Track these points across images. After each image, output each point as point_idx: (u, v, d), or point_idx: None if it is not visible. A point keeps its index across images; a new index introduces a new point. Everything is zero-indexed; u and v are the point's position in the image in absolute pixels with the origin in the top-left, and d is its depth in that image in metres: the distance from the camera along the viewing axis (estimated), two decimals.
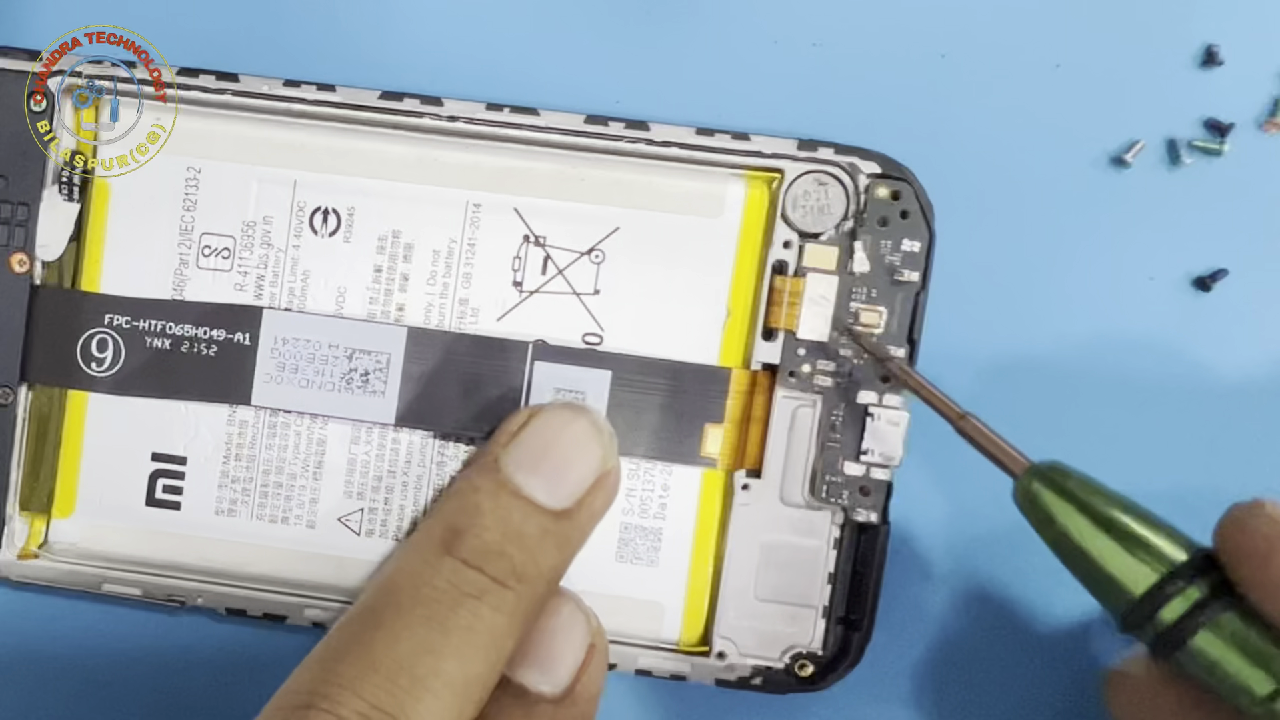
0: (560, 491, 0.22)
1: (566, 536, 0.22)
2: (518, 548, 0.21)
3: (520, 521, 0.22)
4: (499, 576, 0.21)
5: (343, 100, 0.25)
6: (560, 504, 0.22)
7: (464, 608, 0.21)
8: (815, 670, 0.25)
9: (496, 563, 0.21)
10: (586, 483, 0.23)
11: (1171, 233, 0.26)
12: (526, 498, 0.22)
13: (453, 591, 0.21)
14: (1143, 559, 0.21)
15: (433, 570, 0.21)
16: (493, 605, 0.21)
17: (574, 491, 0.22)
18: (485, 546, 0.21)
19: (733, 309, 0.26)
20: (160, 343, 0.26)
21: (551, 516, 0.22)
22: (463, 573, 0.21)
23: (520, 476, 0.22)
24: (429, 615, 0.21)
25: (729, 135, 0.25)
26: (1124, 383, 0.26)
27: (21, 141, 0.25)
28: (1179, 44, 0.26)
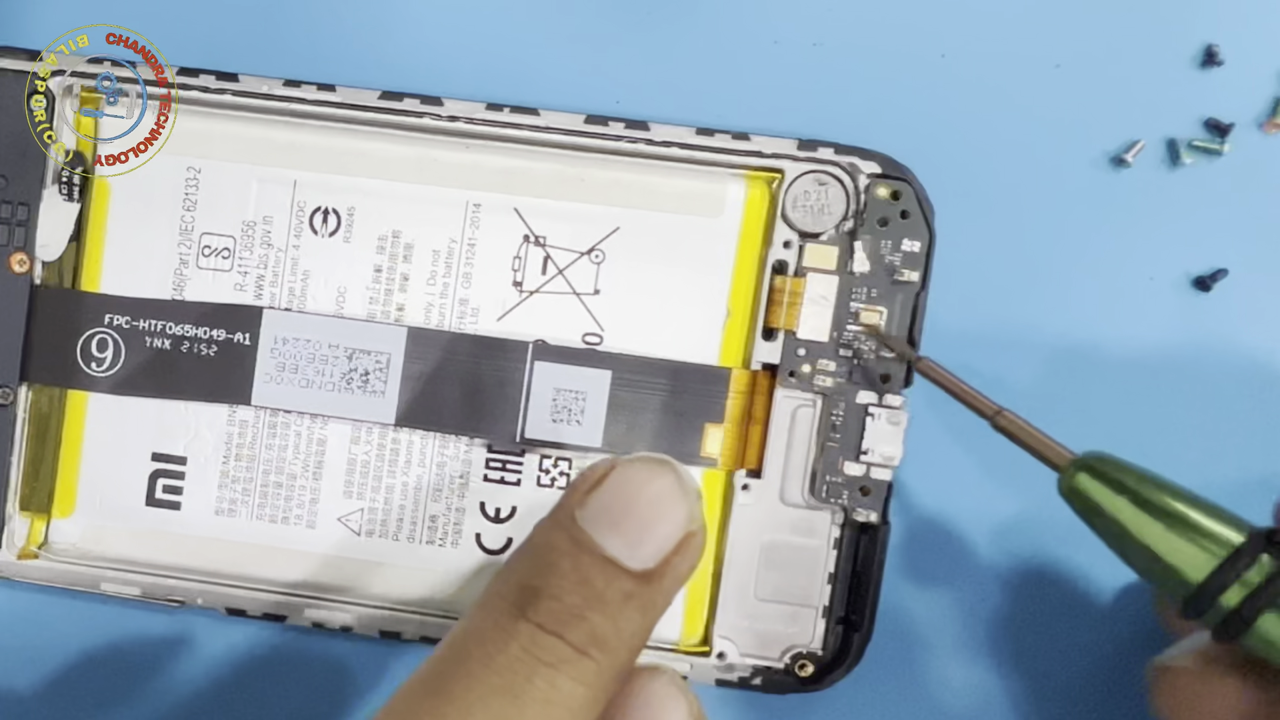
0: (644, 552, 0.20)
1: (650, 601, 0.20)
2: (599, 613, 0.19)
3: (602, 585, 0.19)
4: (579, 644, 0.19)
5: (343, 100, 0.25)
6: (643, 565, 0.20)
7: (540, 677, 0.19)
8: (815, 670, 0.25)
9: (576, 628, 0.19)
10: (671, 542, 0.20)
11: (1171, 233, 0.26)
12: (608, 558, 0.20)
13: (528, 659, 0.19)
14: (1200, 544, 0.20)
15: (506, 635, 0.19)
16: (572, 676, 0.19)
17: (658, 552, 0.20)
18: (564, 610, 0.19)
19: (733, 309, 0.26)
20: (160, 343, 0.26)
21: (634, 579, 0.20)
22: (540, 639, 0.19)
23: (600, 534, 0.20)
24: (503, 685, 0.19)
25: (729, 135, 0.25)
26: (1124, 383, 0.26)
27: (21, 141, 0.25)
28: (1179, 44, 0.26)
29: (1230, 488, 0.26)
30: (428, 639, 0.26)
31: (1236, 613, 0.20)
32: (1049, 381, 0.26)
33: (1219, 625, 0.20)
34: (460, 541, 0.26)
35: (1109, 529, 0.21)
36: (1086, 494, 0.21)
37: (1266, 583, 0.20)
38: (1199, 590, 0.20)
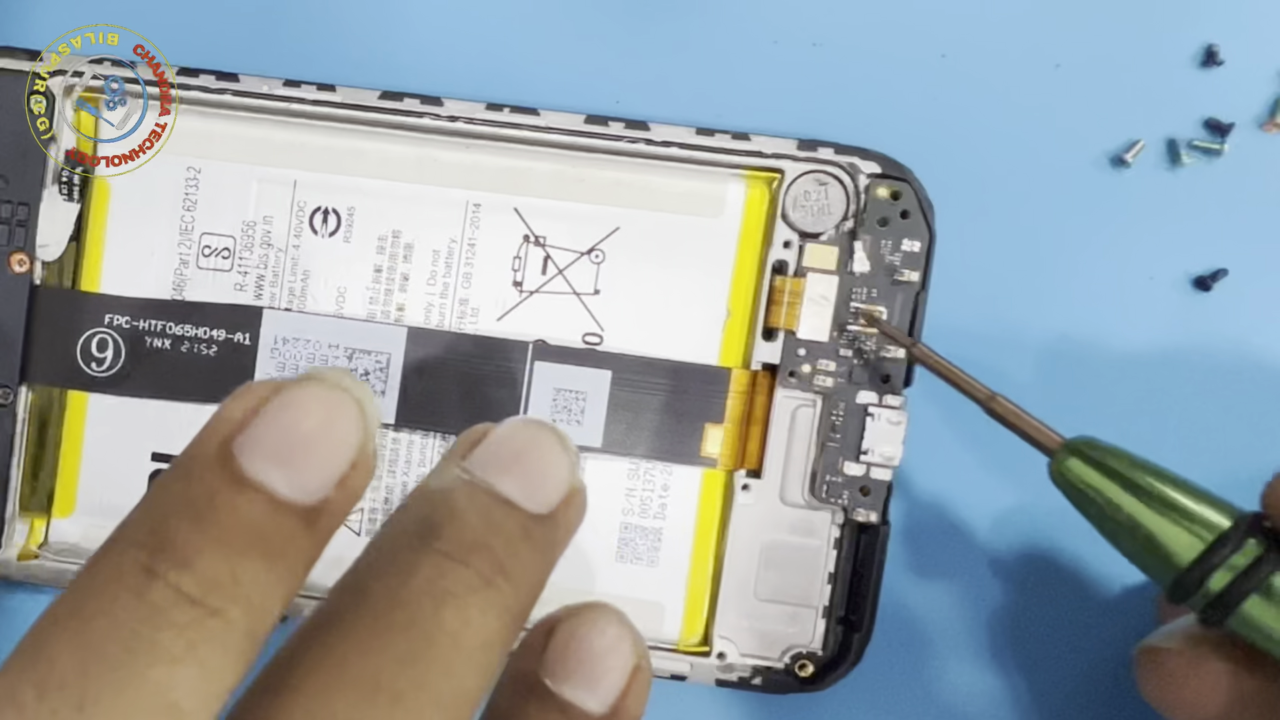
0: (537, 496, 0.19)
1: (547, 540, 0.19)
2: (501, 543, 0.18)
3: (500, 518, 0.18)
4: (485, 573, 0.18)
5: (343, 100, 0.25)
6: (539, 508, 0.19)
7: (449, 609, 0.17)
8: (815, 670, 0.25)
9: (482, 556, 0.18)
10: (561, 492, 0.20)
11: (1171, 233, 0.26)
12: (503, 496, 0.19)
13: (435, 590, 0.17)
14: (1188, 527, 0.20)
15: (410, 567, 0.18)
16: (480, 607, 0.18)
17: (550, 498, 0.19)
18: (469, 540, 0.18)
19: (733, 309, 0.26)
20: (160, 343, 0.26)
21: (530, 517, 0.19)
22: (445, 567, 0.18)
23: (493, 477, 0.19)
24: (409, 620, 0.17)
25: (729, 135, 0.25)
26: (1123, 383, 0.26)
27: (21, 141, 0.25)
28: (1179, 44, 0.26)
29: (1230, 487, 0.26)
30: None
31: (1222, 596, 0.20)
32: (1049, 381, 0.26)
33: (1205, 609, 0.21)
34: None
35: (1097, 512, 0.21)
36: (1076, 477, 0.21)
37: (1252, 566, 0.20)
38: (1185, 573, 0.20)
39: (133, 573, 0.16)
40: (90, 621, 0.16)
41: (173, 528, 0.16)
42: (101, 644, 0.15)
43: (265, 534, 0.17)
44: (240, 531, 0.16)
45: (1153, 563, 0.21)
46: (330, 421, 0.17)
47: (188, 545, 0.16)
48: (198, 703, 0.16)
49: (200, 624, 0.16)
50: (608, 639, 0.20)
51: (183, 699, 0.15)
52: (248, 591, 0.16)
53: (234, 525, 0.16)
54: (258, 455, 0.17)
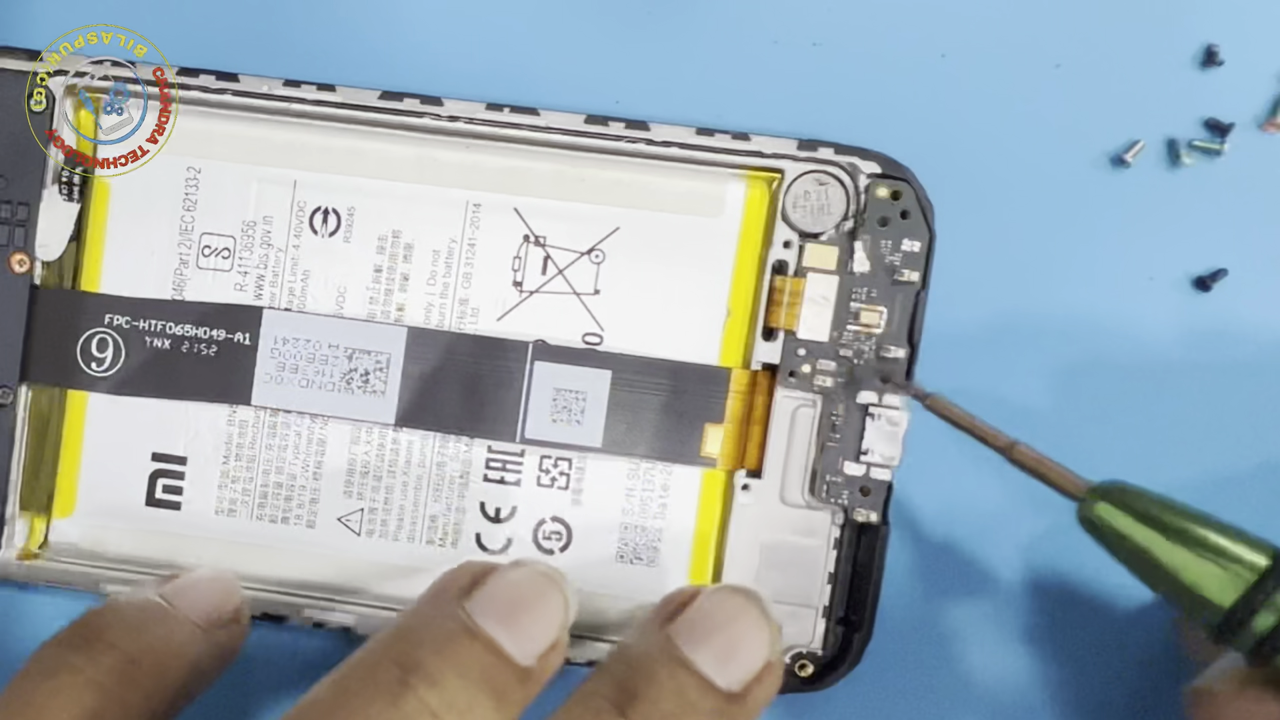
0: (732, 673, 0.21)
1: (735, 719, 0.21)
2: None
3: (695, 697, 0.20)
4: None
5: (343, 100, 0.25)
6: (731, 686, 0.21)
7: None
8: (815, 670, 0.25)
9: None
10: (756, 667, 0.21)
11: (1171, 233, 0.26)
12: (699, 674, 0.21)
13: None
14: (1227, 567, 0.20)
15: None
16: None
17: (745, 676, 0.21)
18: (660, 714, 0.20)
19: (733, 309, 0.26)
20: (160, 343, 0.26)
21: (723, 698, 0.21)
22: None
23: (691, 650, 0.21)
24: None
25: (729, 135, 0.25)
26: (1124, 383, 0.26)
27: (21, 141, 0.25)
28: (1179, 44, 0.26)
29: (1230, 488, 0.26)
30: None
31: (1270, 636, 0.20)
32: (1048, 381, 0.26)
33: (1253, 648, 0.20)
34: (460, 541, 0.26)
35: (1132, 557, 0.21)
36: (1107, 523, 0.21)
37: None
38: (1229, 615, 0.20)
39: (388, 685, 0.19)
40: (353, 713, 0.19)
41: (422, 655, 0.20)
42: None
43: (493, 678, 0.20)
44: (475, 671, 0.20)
45: (1194, 605, 0.21)
46: (545, 602, 0.21)
47: (435, 670, 0.19)
48: None
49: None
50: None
51: None
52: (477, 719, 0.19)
53: (471, 664, 0.20)
54: (490, 615, 0.20)
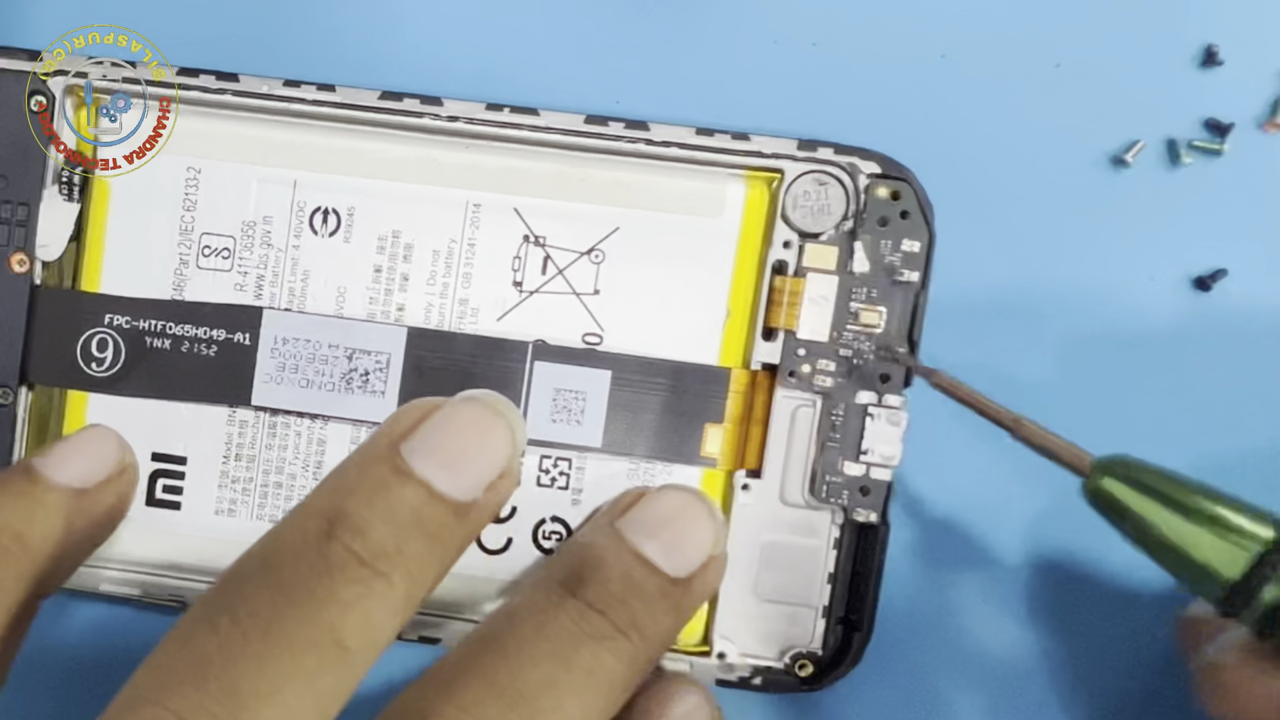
0: (678, 561, 0.22)
1: (679, 603, 0.22)
2: (639, 602, 0.21)
3: (641, 578, 0.22)
4: (620, 624, 0.21)
5: (343, 100, 0.25)
6: (677, 572, 0.22)
7: (586, 648, 0.21)
8: (815, 670, 0.25)
9: (619, 611, 0.21)
10: (702, 557, 0.23)
11: (1171, 233, 0.26)
12: (646, 558, 0.22)
13: (576, 631, 0.21)
14: (1233, 541, 0.20)
15: (556, 608, 0.21)
16: (613, 652, 0.21)
17: (690, 564, 0.22)
18: (609, 594, 0.21)
19: (733, 309, 0.26)
20: (160, 343, 0.26)
21: (669, 580, 0.22)
22: (587, 615, 0.21)
23: (640, 539, 0.22)
24: (553, 651, 0.20)
25: (729, 135, 0.25)
26: (1123, 382, 0.26)
27: (21, 141, 0.25)
28: (1179, 44, 0.26)
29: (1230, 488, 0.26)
30: (426, 638, 0.26)
31: (1278, 608, 0.20)
32: (1048, 381, 0.26)
33: (1260, 621, 0.20)
34: None
35: (1138, 530, 0.21)
36: (1112, 496, 0.21)
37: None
38: (1235, 588, 0.20)
39: (315, 536, 0.19)
40: (279, 569, 0.19)
41: (350, 504, 0.20)
42: (288, 586, 0.19)
43: (425, 519, 0.20)
44: (405, 513, 0.20)
45: (1199, 579, 0.21)
46: (485, 436, 0.21)
47: (361, 519, 0.19)
48: (360, 644, 0.19)
49: (368, 582, 0.19)
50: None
51: (348, 639, 0.19)
52: (409, 563, 0.20)
53: (400, 507, 0.20)
54: (421, 455, 0.20)
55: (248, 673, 0.18)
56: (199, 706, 0.18)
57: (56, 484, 0.23)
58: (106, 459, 0.24)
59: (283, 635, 0.18)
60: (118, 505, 0.24)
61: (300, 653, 0.18)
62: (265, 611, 0.19)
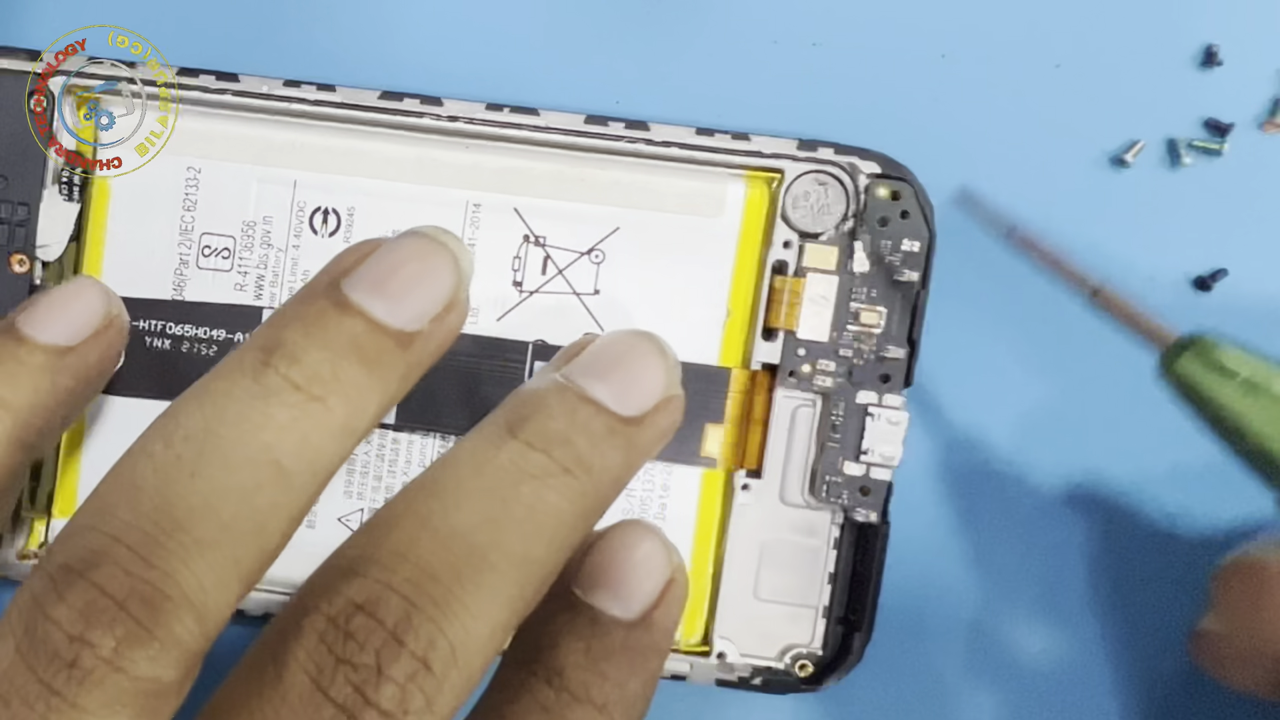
0: (628, 400, 0.21)
1: (632, 441, 0.21)
2: (584, 438, 0.20)
3: (586, 418, 0.20)
4: (564, 462, 0.20)
5: (343, 100, 0.25)
6: (627, 411, 0.21)
7: (526, 486, 0.19)
8: (815, 670, 0.26)
9: (562, 449, 0.20)
10: (655, 398, 0.21)
11: (1171, 233, 0.26)
12: (593, 400, 0.21)
13: (515, 470, 0.19)
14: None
15: (495, 448, 0.20)
16: (557, 490, 0.20)
17: (642, 403, 0.21)
18: (551, 432, 0.20)
19: (733, 309, 0.26)
20: (160, 343, 0.26)
21: (617, 419, 0.21)
22: (527, 454, 0.20)
23: (586, 382, 0.21)
24: (490, 488, 0.19)
25: (729, 135, 0.25)
26: (1123, 383, 0.26)
27: (21, 141, 0.25)
28: (1179, 44, 0.26)
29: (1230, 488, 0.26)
30: None
31: None
32: (1048, 381, 0.26)
33: None
34: None
35: (1214, 412, 0.20)
36: (1189, 376, 0.20)
37: None
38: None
39: (252, 365, 0.19)
40: (214, 396, 0.19)
41: (286, 335, 0.19)
42: (222, 411, 0.19)
43: (363, 346, 0.20)
44: (342, 341, 0.19)
45: (1272, 466, 0.20)
46: (426, 265, 0.20)
47: (297, 347, 0.19)
48: (298, 466, 0.19)
49: (304, 405, 0.19)
50: (640, 552, 0.21)
51: (285, 459, 0.18)
52: (346, 388, 0.19)
53: (337, 336, 0.19)
54: (361, 287, 0.20)
55: (182, 491, 0.18)
56: (131, 525, 0.17)
57: (41, 343, 0.22)
58: (92, 312, 0.23)
59: (216, 454, 0.18)
60: (106, 360, 0.23)
61: (235, 469, 0.18)
62: (199, 435, 0.18)
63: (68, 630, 0.17)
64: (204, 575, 0.18)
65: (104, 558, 0.17)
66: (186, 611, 0.17)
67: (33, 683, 0.17)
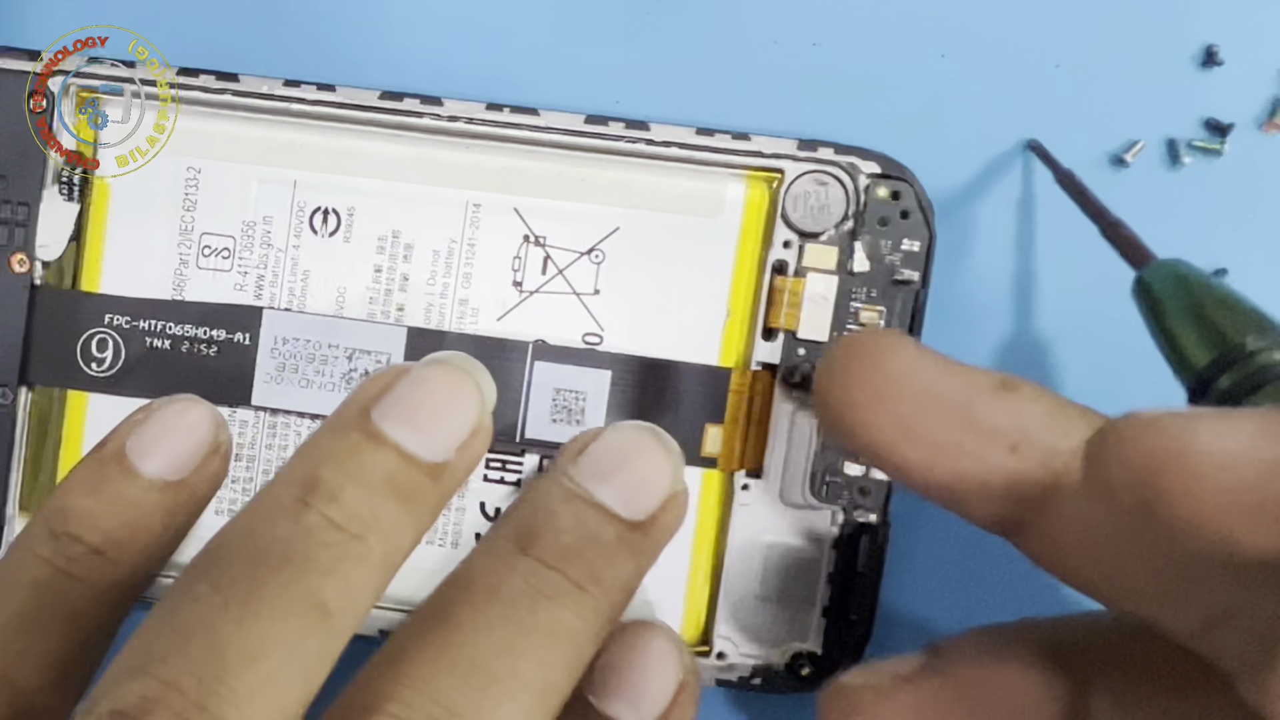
0: (635, 505, 0.21)
1: (640, 547, 0.21)
2: (595, 552, 0.20)
3: (596, 527, 0.21)
4: (577, 579, 0.20)
5: (343, 100, 0.25)
6: (635, 516, 0.21)
7: (543, 609, 0.20)
8: (815, 670, 0.25)
9: (575, 565, 0.20)
10: (660, 498, 0.22)
11: (1171, 233, 0.26)
12: (600, 505, 0.21)
13: (531, 592, 0.20)
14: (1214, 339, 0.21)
15: (508, 569, 0.20)
16: (572, 609, 0.20)
17: (648, 506, 0.21)
18: (563, 548, 0.20)
19: (733, 309, 0.26)
20: (160, 343, 0.26)
21: (626, 525, 0.21)
22: (541, 573, 0.20)
23: (593, 486, 0.21)
24: (507, 615, 0.19)
25: (729, 135, 0.25)
26: (1123, 383, 0.26)
27: (21, 141, 0.25)
28: (1179, 44, 0.26)
29: None
30: None
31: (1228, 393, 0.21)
32: (1048, 381, 0.26)
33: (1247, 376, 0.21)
34: (460, 541, 0.26)
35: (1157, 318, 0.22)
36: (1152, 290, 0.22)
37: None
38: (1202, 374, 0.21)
39: (290, 504, 0.19)
40: (256, 538, 0.19)
41: (323, 472, 0.20)
42: (265, 554, 0.19)
43: (398, 482, 0.20)
44: (378, 477, 0.20)
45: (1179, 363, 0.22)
46: (452, 395, 0.21)
47: (334, 485, 0.19)
48: (342, 606, 0.19)
49: (344, 545, 0.19)
50: (651, 656, 0.22)
51: (330, 601, 0.19)
52: (384, 526, 0.20)
53: (372, 472, 0.20)
54: (391, 418, 0.20)
55: (230, 638, 0.18)
56: (184, 672, 0.17)
57: (153, 480, 0.21)
58: (202, 441, 0.22)
59: (263, 601, 0.18)
60: (210, 491, 0.23)
61: (282, 617, 0.18)
62: (244, 579, 0.18)
63: None
64: None
65: (157, 705, 0.17)
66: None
67: None
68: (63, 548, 0.21)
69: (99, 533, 0.21)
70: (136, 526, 0.21)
